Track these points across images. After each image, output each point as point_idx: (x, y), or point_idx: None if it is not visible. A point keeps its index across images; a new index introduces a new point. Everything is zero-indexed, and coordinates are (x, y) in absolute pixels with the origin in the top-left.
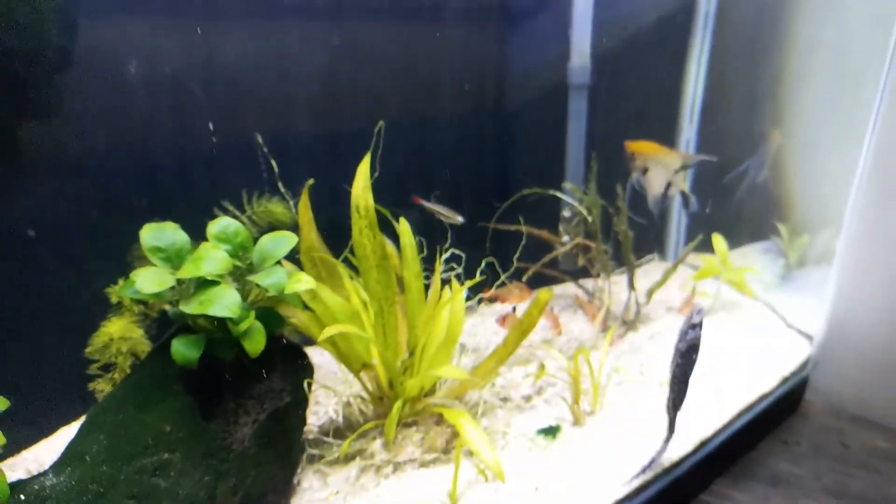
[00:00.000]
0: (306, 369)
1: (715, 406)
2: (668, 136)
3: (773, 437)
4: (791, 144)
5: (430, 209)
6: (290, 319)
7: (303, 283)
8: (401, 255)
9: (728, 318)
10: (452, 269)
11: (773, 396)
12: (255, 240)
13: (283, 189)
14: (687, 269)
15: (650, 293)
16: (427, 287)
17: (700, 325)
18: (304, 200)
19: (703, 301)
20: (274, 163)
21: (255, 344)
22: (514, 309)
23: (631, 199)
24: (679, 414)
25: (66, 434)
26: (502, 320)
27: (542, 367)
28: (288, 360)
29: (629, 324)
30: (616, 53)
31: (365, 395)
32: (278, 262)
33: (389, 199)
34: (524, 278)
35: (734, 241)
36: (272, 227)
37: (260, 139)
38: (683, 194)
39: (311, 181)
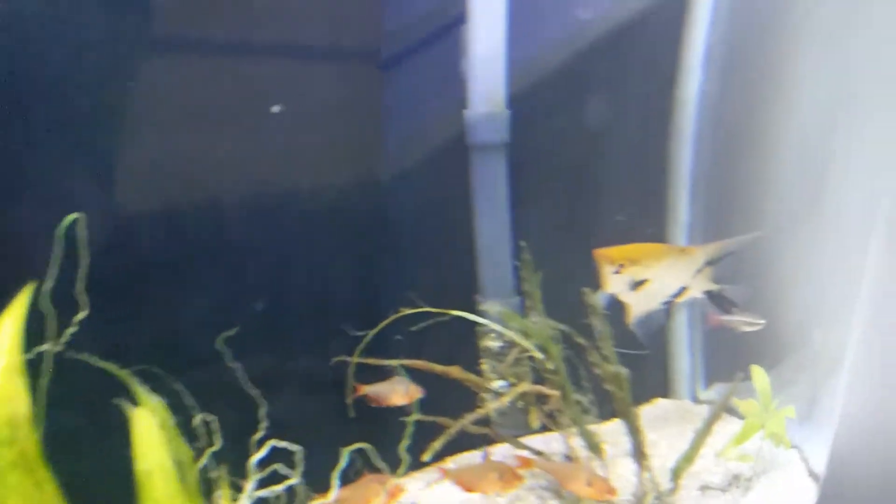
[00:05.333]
0: None
1: None
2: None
3: None
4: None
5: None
6: None
7: None
8: None
9: (767, 489)
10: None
11: None
12: None
13: None
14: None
15: (677, 472)
16: None
17: None
18: None
19: (742, 469)
20: None
21: None
22: None
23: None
24: None
25: None
26: None
27: None
28: None
29: None
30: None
31: None
32: None
33: None
34: (426, 455)
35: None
36: None
37: None
38: (714, 295)
39: None
